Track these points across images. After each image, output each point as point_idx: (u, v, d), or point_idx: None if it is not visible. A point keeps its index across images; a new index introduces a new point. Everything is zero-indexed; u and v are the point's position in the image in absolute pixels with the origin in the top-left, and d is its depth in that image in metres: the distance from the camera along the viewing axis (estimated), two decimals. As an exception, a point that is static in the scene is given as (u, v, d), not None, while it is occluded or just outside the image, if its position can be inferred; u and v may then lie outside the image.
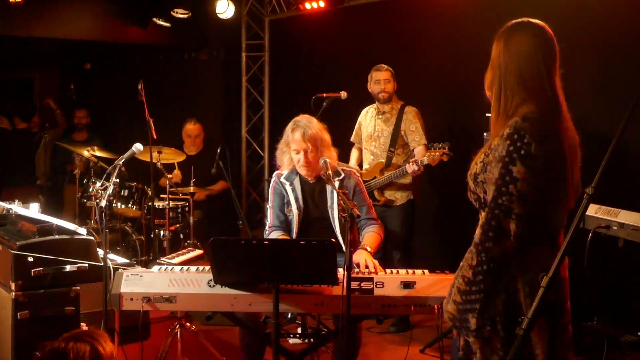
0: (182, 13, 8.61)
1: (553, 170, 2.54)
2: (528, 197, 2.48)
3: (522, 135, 2.48)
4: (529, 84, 2.59)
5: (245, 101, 9.17)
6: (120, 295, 3.80)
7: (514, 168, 2.48)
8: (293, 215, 4.61)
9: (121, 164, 4.49)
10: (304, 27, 8.51)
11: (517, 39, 2.64)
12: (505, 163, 2.50)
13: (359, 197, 4.62)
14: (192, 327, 5.10)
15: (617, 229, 4.17)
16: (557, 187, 2.58)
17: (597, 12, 5.58)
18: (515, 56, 2.61)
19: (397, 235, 6.03)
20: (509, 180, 2.48)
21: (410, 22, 7.26)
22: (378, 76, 6.12)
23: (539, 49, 2.61)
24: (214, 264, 3.60)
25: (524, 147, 2.47)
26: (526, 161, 2.47)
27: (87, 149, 7.88)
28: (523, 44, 2.62)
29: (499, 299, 2.55)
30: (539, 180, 2.49)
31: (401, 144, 6.09)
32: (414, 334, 4.45)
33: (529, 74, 2.59)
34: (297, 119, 4.60)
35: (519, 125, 2.50)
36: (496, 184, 2.52)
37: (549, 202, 2.57)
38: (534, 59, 2.59)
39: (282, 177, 4.68)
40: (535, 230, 2.55)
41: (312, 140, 4.45)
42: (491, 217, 2.52)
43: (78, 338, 2.72)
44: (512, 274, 2.55)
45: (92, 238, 4.61)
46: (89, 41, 8.98)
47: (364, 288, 3.76)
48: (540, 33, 2.65)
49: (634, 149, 5.29)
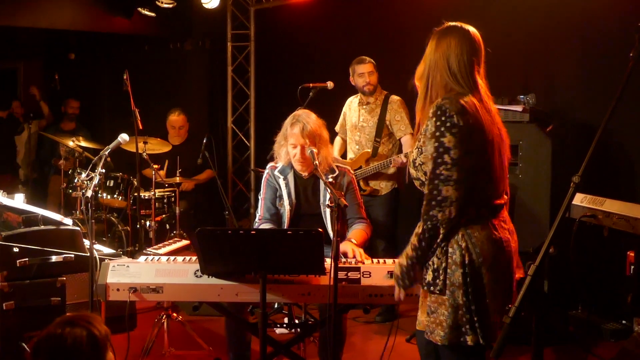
0: (167, 3, 8.56)
1: (475, 142, 2.79)
2: (461, 162, 2.74)
3: (444, 110, 2.78)
4: (452, 77, 2.91)
5: (231, 91, 9.14)
6: (107, 285, 3.79)
7: (444, 139, 2.75)
8: (284, 210, 4.60)
9: (107, 155, 4.47)
10: (289, 17, 8.49)
11: (447, 40, 2.96)
12: (436, 137, 2.78)
13: (351, 195, 4.64)
14: (178, 318, 5.11)
15: (603, 218, 4.20)
16: (482, 158, 2.82)
17: (580, 4, 5.60)
18: (443, 54, 2.94)
19: (381, 225, 6.03)
20: (443, 150, 2.76)
21: (396, 12, 7.27)
22: (361, 69, 6.09)
23: (464, 48, 2.93)
24: (200, 254, 3.60)
25: (448, 120, 2.76)
26: (452, 130, 2.75)
27: (72, 139, 7.84)
28: (451, 44, 2.94)
29: (458, 272, 2.79)
30: (469, 147, 2.76)
31: (387, 134, 6.08)
32: (400, 324, 4.46)
33: (453, 69, 2.91)
34: (297, 114, 4.58)
35: (440, 103, 2.81)
36: (432, 158, 2.79)
37: (479, 171, 2.82)
38: (459, 57, 2.91)
39: (276, 170, 4.66)
40: (472, 197, 2.79)
41: (311, 136, 4.44)
42: (432, 188, 2.78)
43: (74, 323, 2.70)
44: (462, 246, 2.80)
45: (78, 228, 4.60)
46: (73, 31, 8.93)
47: (351, 278, 3.77)
48: (466, 35, 2.97)
49: (618, 138, 5.32)
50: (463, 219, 2.79)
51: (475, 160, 2.78)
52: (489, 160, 2.84)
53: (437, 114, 2.78)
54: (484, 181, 2.83)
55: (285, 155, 4.60)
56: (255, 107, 9.11)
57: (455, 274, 2.80)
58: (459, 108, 2.77)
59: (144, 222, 6.97)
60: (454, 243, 2.81)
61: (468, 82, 2.90)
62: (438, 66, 2.94)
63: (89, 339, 2.66)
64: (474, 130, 2.78)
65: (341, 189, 4.59)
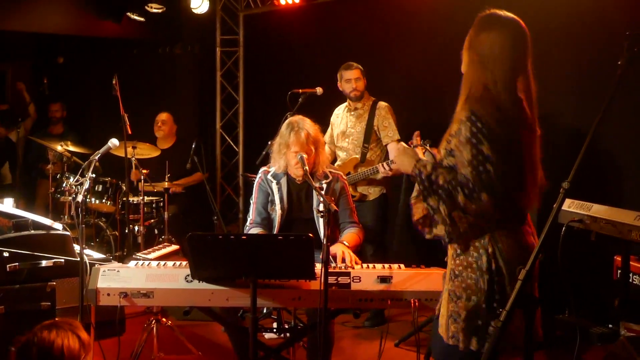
0: (156, 7, 8.57)
1: (513, 153, 2.73)
2: (502, 172, 2.66)
3: (479, 117, 2.68)
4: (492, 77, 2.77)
5: (220, 96, 9.16)
6: (97, 290, 3.80)
7: (482, 147, 2.67)
8: (276, 214, 4.60)
9: (96, 159, 4.47)
10: (278, 23, 8.50)
11: (494, 34, 2.81)
12: (473, 144, 2.68)
13: (344, 201, 4.66)
14: (168, 322, 5.11)
15: (590, 223, 4.22)
16: (518, 170, 2.76)
17: (570, 10, 5.64)
18: (489, 48, 2.79)
19: (370, 230, 6.04)
20: (482, 159, 2.66)
21: (384, 18, 7.29)
22: (348, 75, 6.10)
23: (512, 45, 2.80)
24: (191, 259, 3.61)
25: (484, 127, 2.67)
26: (489, 138, 2.66)
27: (60, 144, 7.82)
28: (498, 39, 2.79)
29: (484, 277, 2.76)
30: (507, 157, 2.69)
31: (375, 140, 6.09)
32: (389, 328, 4.48)
33: (498, 67, 2.77)
34: (295, 120, 4.55)
35: (475, 108, 2.71)
36: (471, 165, 2.68)
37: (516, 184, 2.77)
38: (506, 55, 2.78)
39: (269, 175, 4.65)
40: (504, 204, 2.73)
41: (314, 142, 4.46)
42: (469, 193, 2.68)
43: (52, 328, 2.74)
44: (489, 251, 2.75)
45: (68, 233, 4.60)
46: (62, 35, 8.90)
47: (341, 283, 3.79)
48: (515, 29, 2.83)
49: (606, 143, 5.36)
50: (492, 224, 2.77)
51: (513, 173, 2.73)
52: (522, 168, 2.79)
53: (472, 120, 2.70)
54: (517, 189, 2.79)
55: (285, 164, 4.56)
56: (244, 112, 9.13)
57: (480, 280, 2.79)
58: (495, 116, 2.70)
59: (133, 227, 6.97)
60: (480, 247, 2.80)
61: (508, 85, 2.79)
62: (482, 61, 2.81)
63: (68, 346, 2.70)
64: (510, 139, 2.73)
65: (334, 195, 4.60)
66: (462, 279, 2.85)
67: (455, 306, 2.86)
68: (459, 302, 2.85)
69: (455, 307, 2.86)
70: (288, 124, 4.56)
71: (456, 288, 2.86)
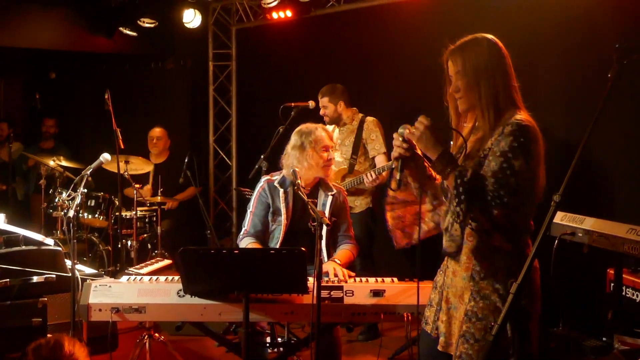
0: (148, 22, 8.58)
1: (539, 170, 2.71)
2: (523, 190, 2.63)
3: (526, 133, 2.67)
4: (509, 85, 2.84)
5: (213, 110, 9.17)
6: (89, 306, 3.79)
7: (515, 162, 2.63)
8: (280, 224, 4.54)
9: (88, 174, 4.46)
10: (271, 37, 8.52)
11: (486, 47, 2.87)
12: (507, 158, 2.64)
13: (344, 214, 4.67)
14: (160, 338, 5.08)
15: (583, 236, 4.23)
16: (535, 188, 2.72)
17: (560, 22, 5.66)
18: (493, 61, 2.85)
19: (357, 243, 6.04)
20: (510, 173, 2.62)
21: (376, 31, 7.31)
22: (320, 102, 6.23)
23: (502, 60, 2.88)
24: (183, 273, 3.60)
25: (526, 144, 2.65)
26: (527, 157, 2.64)
27: (52, 159, 7.80)
28: (493, 53, 2.86)
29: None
30: (532, 176, 2.66)
31: (363, 152, 6.12)
32: (382, 342, 4.47)
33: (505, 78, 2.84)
34: (307, 125, 4.62)
35: (524, 123, 2.69)
36: (495, 176, 2.65)
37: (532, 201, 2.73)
38: (504, 67, 2.86)
39: (276, 182, 4.58)
40: (519, 223, 2.73)
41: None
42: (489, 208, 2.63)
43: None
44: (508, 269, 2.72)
45: (59, 249, 4.57)
46: (54, 50, 8.89)
47: (334, 297, 3.79)
48: (498, 46, 2.90)
49: (598, 156, 5.38)
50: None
51: (531, 188, 2.71)
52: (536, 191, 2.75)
53: (516, 135, 2.67)
54: (531, 207, 2.77)
55: (310, 165, 4.48)
56: (237, 126, 9.14)
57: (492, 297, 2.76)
58: (536, 135, 2.71)
59: (125, 242, 6.94)
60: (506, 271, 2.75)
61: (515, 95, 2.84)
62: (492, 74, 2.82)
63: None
64: (540, 158, 2.72)
65: (343, 207, 4.63)
66: (490, 302, 2.76)
67: (472, 327, 2.76)
68: (477, 324, 2.76)
69: (472, 328, 2.76)
70: (300, 131, 4.58)
71: (479, 310, 2.77)
